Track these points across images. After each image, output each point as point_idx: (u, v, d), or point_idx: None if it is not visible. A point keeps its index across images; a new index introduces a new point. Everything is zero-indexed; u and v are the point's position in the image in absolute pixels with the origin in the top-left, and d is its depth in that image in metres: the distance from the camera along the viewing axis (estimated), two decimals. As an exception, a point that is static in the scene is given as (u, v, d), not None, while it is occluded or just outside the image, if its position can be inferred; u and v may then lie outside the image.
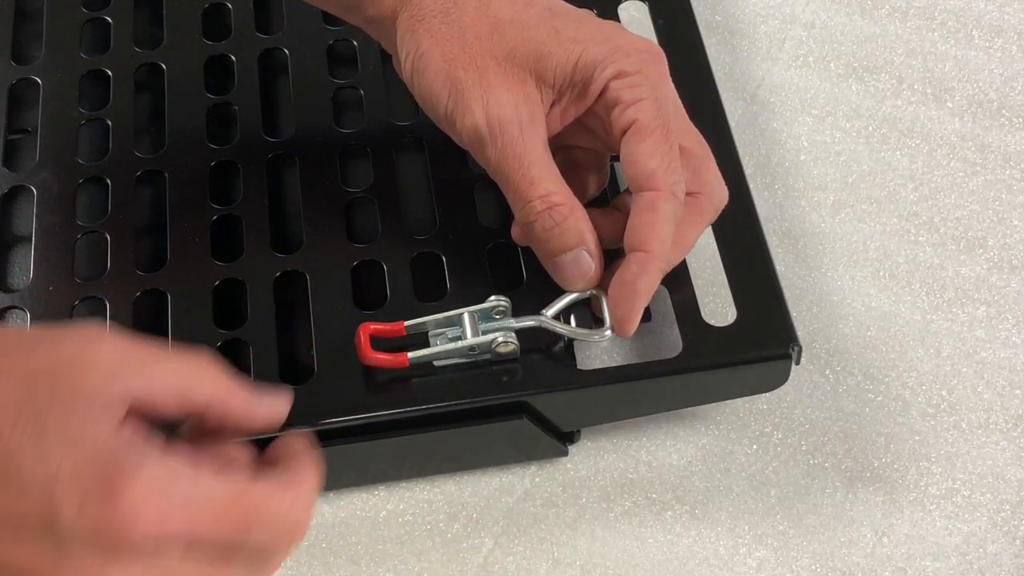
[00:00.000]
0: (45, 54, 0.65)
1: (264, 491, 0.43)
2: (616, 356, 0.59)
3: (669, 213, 0.51)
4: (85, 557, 0.39)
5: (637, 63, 0.51)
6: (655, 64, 0.52)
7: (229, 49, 0.65)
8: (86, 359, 0.42)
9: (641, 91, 0.51)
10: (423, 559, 0.56)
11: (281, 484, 0.43)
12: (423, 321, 0.53)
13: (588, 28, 0.52)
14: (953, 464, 0.58)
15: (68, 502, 0.39)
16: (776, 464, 0.59)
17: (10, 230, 0.61)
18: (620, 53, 0.51)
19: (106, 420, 0.41)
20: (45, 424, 0.40)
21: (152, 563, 0.40)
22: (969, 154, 0.68)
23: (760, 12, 0.74)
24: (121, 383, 0.42)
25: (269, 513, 0.42)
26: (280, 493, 0.43)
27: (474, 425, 0.54)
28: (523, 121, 0.51)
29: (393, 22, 0.54)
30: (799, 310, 0.62)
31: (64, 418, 0.40)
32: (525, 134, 0.51)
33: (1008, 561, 0.56)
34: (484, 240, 0.58)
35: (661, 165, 0.51)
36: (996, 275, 0.64)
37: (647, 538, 0.57)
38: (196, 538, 0.41)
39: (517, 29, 0.52)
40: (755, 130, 0.69)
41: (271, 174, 0.61)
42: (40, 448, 0.40)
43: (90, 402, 0.41)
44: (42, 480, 0.39)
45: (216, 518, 0.41)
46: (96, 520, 0.39)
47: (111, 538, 0.39)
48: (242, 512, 0.42)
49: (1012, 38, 0.72)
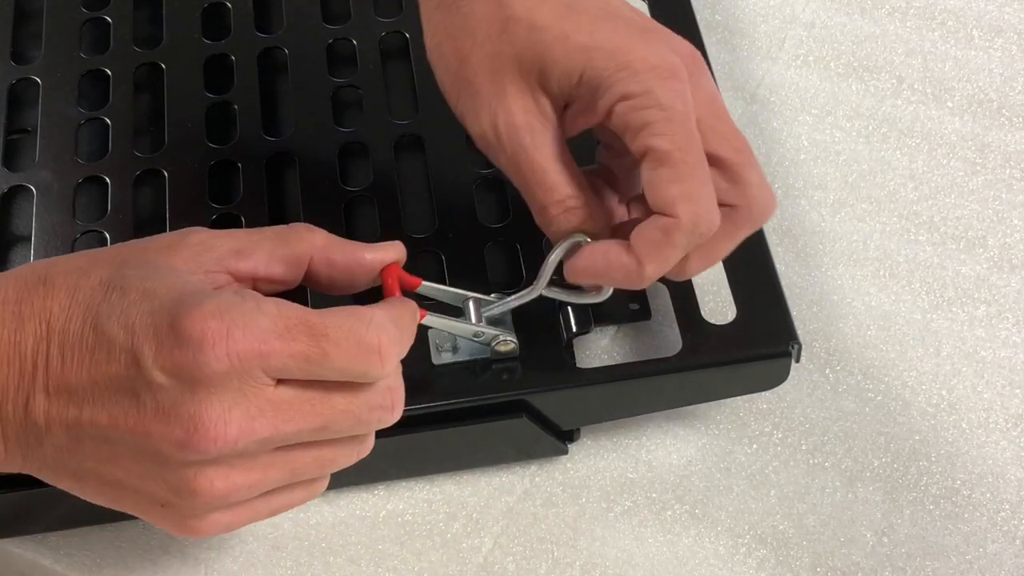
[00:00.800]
0: (45, 54, 0.65)
1: (337, 312, 0.44)
2: (616, 354, 0.59)
3: (680, 243, 0.47)
4: (177, 396, 0.41)
5: (645, 82, 0.47)
6: (667, 81, 0.47)
7: (229, 48, 0.65)
8: (178, 241, 0.46)
9: (648, 114, 0.46)
10: (423, 559, 0.56)
11: (352, 310, 0.44)
12: (437, 288, 0.52)
13: (602, 30, 0.48)
14: (953, 464, 0.58)
15: (147, 346, 0.41)
16: (776, 463, 0.59)
17: (10, 230, 0.61)
18: (627, 72, 0.47)
19: (187, 278, 0.44)
20: (129, 288, 0.43)
21: (240, 388, 0.42)
22: (969, 154, 0.68)
23: (760, 12, 0.74)
24: (213, 255, 0.45)
25: (338, 332, 0.43)
26: (356, 313, 0.44)
27: (474, 424, 0.54)
28: (534, 128, 0.49)
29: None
30: (799, 309, 0.62)
31: (146, 281, 0.43)
32: (537, 140, 0.49)
33: (1008, 561, 0.56)
34: (484, 240, 0.58)
35: (682, 193, 0.46)
36: (996, 274, 0.64)
37: (647, 538, 0.57)
38: (271, 360, 0.42)
39: (526, 30, 0.49)
40: (755, 129, 0.69)
41: (271, 173, 0.61)
42: (123, 306, 0.42)
43: (175, 268, 0.45)
44: (123, 335, 0.42)
45: (283, 335, 0.42)
46: (172, 354, 0.41)
47: (189, 368, 0.41)
48: (312, 330, 0.42)
49: (1012, 38, 0.72)
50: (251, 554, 0.56)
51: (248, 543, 0.57)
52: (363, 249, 0.49)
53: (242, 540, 0.57)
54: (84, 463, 0.44)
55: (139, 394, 0.42)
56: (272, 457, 0.44)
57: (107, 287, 0.43)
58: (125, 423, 0.42)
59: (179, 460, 0.42)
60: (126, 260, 0.45)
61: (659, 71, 0.47)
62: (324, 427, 0.44)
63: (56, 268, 0.45)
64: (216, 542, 0.57)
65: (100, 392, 0.42)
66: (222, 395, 0.41)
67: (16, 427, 0.43)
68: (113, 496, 0.45)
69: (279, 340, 0.42)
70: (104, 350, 0.42)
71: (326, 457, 0.46)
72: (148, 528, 0.57)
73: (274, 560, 0.56)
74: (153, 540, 0.56)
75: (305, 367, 0.43)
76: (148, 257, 0.46)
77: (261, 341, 0.42)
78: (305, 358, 0.42)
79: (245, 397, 0.42)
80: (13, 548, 0.56)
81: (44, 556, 0.56)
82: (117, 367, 0.42)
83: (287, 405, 0.43)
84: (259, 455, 0.43)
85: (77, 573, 0.56)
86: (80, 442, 0.43)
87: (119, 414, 0.42)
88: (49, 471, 0.45)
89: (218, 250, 0.46)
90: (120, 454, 0.43)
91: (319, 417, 0.44)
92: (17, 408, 0.43)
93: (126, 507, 0.45)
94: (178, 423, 0.41)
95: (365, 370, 0.44)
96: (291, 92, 0.64)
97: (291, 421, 0.43)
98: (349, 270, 0.49)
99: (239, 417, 0.42)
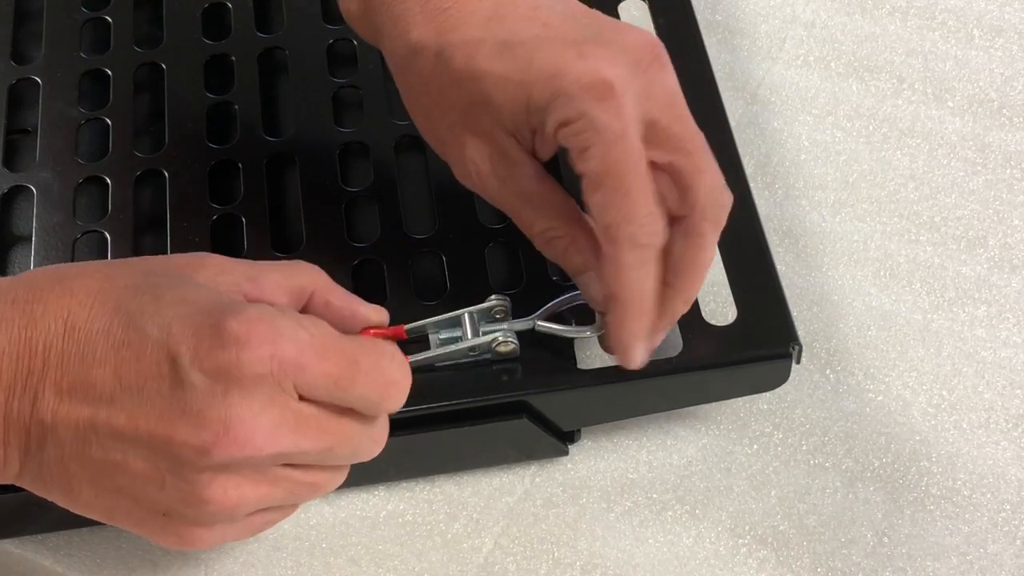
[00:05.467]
0: (45, 54, 0.65)
1: (362, 343, 0.45)
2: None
3: (633, 263, 0.47)
4: (208, 399, 0.41)
5: (580, 107, 0.46)
6: (601, 100, 0.46)
7: (229, 49, 0.65)
8: (196, 261, 0.47)
9: (585, 138, 0.46)
10: (423, 559, 0.56)
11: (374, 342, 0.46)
12: (423, 324, 0.53)
13: (537, 59, 0.47)
14: (954, 464, 0.58)
15: (185, 345, 0.41)
16: (776, 464, 0.58)
17: (10, 230, 0.61)
18: (563, 98, 0.46)
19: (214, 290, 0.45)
20: (162, 293, 0.43)
21: (271, 396, 0.42)
22: (970, 154, 0.68)
23: (760, 11, 0.74)
24: (229, 277, 0.46)
25: (367, 362, 0.44)
26: (378, 347, 0.45)
27: (474, 425, 0.54)
28: (500, 172, 0.50)
29: None
30: (799, 309, 0.62)
31: (178, 290, 0.44)
32: (505, 185, 0.50)
33: (1009, 561, 0.56)
34: (483, 240, 0.58)
35: (615, 218, 0.46)
36: (997, 275, 0.64)
37: (647, 538, 0.57)
38: (306, 374, 0.42)
39: (468, 80, 0.48)
40: (755, 129, 0.69)
41: (271, 173, 0.61)
42: (157, 307, 0.42)
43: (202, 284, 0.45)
44: (158, 333, 0.42)
45: (320, 353, 0.43)
46: (210, 354, 0.41)
47: (229, 367, 0.41)
48: (343, 354, 0.44)
49: (1013, 37, 0.72)
50: (251, 554, 0.56)
51: (248, 543, 0.57)
52: (358, 303, 0.50)
53: (242, 540, 0.57)
54: (83, 470, 0.43)
55: (166, 394, 0.41)
56: (279, 473, 0.44)
57: (136, 290, 0.43)
58: (146, 424, 0.41)
59: (197, 465, 0.42)
60: (151, 270, 0.45)
61: (593, 91, 0.46)
62: (330, 450, 0.44)
63: (72, 272, 0.45)
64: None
65: (122, 391, 0.42)
66: (253, 400, 0.41)
67: (19, 428, 0.43)
68: (109, 507, 0.44)
69: (316, 356, 0.43)
70: (133, 347, 0.42)
71: (318, 481, 0.46)
72: (148, 528, 0.57)
73: (274, 560, 0.56)
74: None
75: (332, 389, 0.43)
76: (172, 270, 0.46)
77: (301, 353, 0.42)
78: (335, 380, 0.43)
79: (273, 406, 0.42)
80: (13, 548, 0.56)
81: (44, 556, 0.56)
82: (146, 365, 0.42)
83: (307, 421, 0.43)
84: (269, 470, 0.44)
85: (77, 573, 0.56)
86: (86, 444, 0.42)
87: (140, 414, 0.42)
88: (43, 481, 0.44)
89: (234, 274, 0.46)
90: (128, 459, 0.42)
91: (330, 439, 0.44)
92: (23, 407, 0.43)
93: (119, 519, 0.45)
94: (206, 426, 0.41)
95: (383, 402, 0.45)
96: (291, 92, 0.64)
97: (308, 438, 0.43)
98: (341, 317, 0.49)
99: (266, 424, 0.42)
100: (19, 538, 0.56)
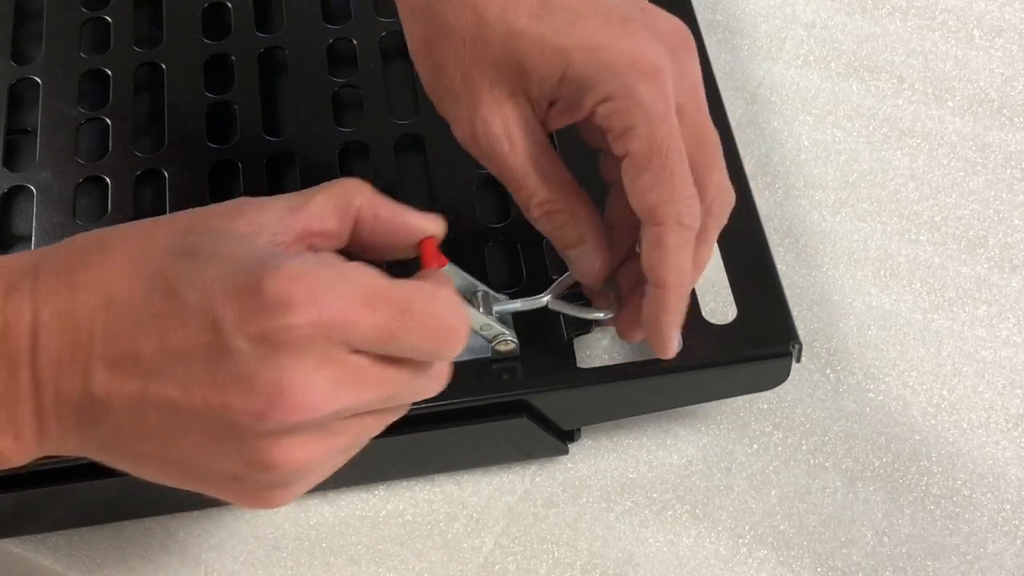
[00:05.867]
0: (45, 54, 0.65)
1: (415, 287, 0.42)
2: (616, 354, 0.59)
3: (678, 245, 0.47)
4: (257, 363, 0.39)
5: (626, 84, 0.46)
6: (647, 79, 0.46)
7: (229, 48, 0.65)
8: (235, 208, 0.44)
9: (630, 117, 0.46)
10: (423, 559, 0.56)
11: (427, 287, 0.43)
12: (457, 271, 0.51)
13: (579, 28, 0.47)
14: (954, 463, 0.58)
15: (227, 310, 0.39)
16: (777, 464, 0.58)
17: (10, 230, 0.61)
18: (608, 72, 0.46)
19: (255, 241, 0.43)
20: (200, 253, 0.41)
21: (324, 355, 0.40)
22: (970, 153, 0.68)
23: (761, 11, 0.74)
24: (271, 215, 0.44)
25: (421, 309, 0.41)
26: (430, 291, 0.42)
27: (474, 424, 0.54)
28: (512, 135, 0.49)
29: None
30: (800, 309, 0.62)
31: (217, 246, 0.42)
32: (515, 147, 0.49)
33: (1009, 561, 0.56)
34: (484, 240, 0.58)
35: (661, 198, 0.47)
36: (997, 274, 0.64)
37: (647, 538, 0.57)
38: (355, 329, 0.40)
39: (501, 36, 0.47)
40: (756, 129, 0.69)
41: (271, 173, 0.61)
42: (195, 271, 0.41)
43: (242, 234, 0.43)
44: (198, 300, 0.40)
45: (368, 304, 0.41)
46: (256, 318, 0.39)
47: (274, 333, 0.39)
48: (393, 303, 0.41)
49: (1013, 37, 0.72)
50: (251, 554, 0.56)
51: (248, 543, 0.57)
52: (409, 212, 0.47)
53: (242, 540, 0.57)
54: (146, 442, 0.42)
55: (215, 362, 0.40)
56: (341, 424, 0.42)
57: (175, 252, 0.42)
58: (199, 394, 0.40)
59: (256, 431, 0.40)
60: (190, 227, 0.43)
61: (639, 68, 0.46)
62: (391, 396, 0.43)
63: (111, 236, 0.43)
64: (216, 542, 0.57)
65: (169, 362, 0.40)
66: (304, 362, 0.39)
67: (72, 404, 0.41)
68: (176, 474, 0.43)
69: (364, 308, 0.40)
70: (175, 316, 0.40)
71: (383, 421, 0.44)
72: (148, 528, 0.57)
73: (274, 560, 0.56)
74: (153, 540, 0.57)
75: (385, 340, 0.41)
76: (211, 223, 0.44)
77: (347, 309, 0.40)
78: (387, 332, 0.41)
79: (326, 363, 0.40)
80: (13, 548, 0.56)
81: (44, 556, 0.56)
82: (190, 333, 0.40)
83: (363, 373, 0.41)
84: (332, 423, 0.42)
85: (77, 573, 0.56)
86: (143, 419, 0.41)
87: (192, 384, 0.40)
88: (107, 453, 0.43)
89: (275, 210, 0.44)
90: (188, 429, 0.41)
91: (390, 387, 0.42)
92: (73, 382, 0.41)
93: (191, 485, 0.43)
94: (259, 392, 0.39)
95: (439, 351, 0.43)
96: (291, 92, 0.64)
97: (366, 390, 0.42)
98: (392, 229, 0.47)
99: (322, 384, 0.40)
100: (19, 538, 0.56)
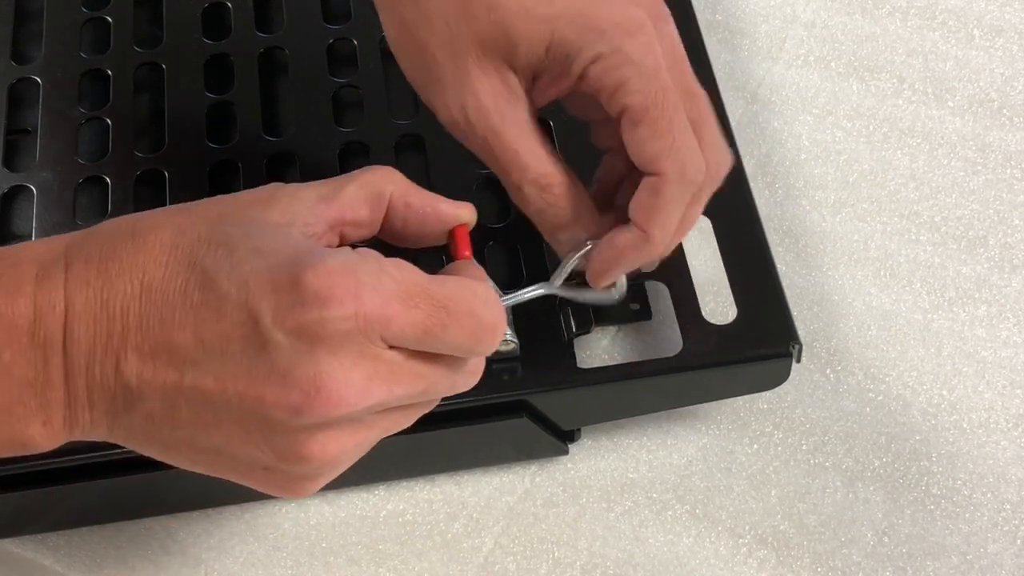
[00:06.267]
0: (45, 54, 0.65)
1: (454, 284, 0.42)
2: (616, 354, 0.59)
3: (675, 197, 0.48)
4: (294, 357, 0.39)
5: (613, 41, 0.47)
6: (634, 36, 0.47)
7: (229, 48, 0.65)
8: (267, 196, 0.44)
9: (622, 73, 0.47)
10: (423, 559, 0.56)
11: (464, 282, 0.43)
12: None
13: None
14: (954, 463, 0.58)
15: (265, 303, 0.39)
16: (777, 464, 0.58)
17: (10, 230, 0.61)
18: (594, 33, 0.47)
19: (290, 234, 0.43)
20: (236, 245, 0.41)
21: (360, 350, 0.40)
22: (970, 153, 0.68)
23: (761, 11, 0.74)
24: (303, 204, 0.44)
25: (459, 307, 0.41)
26: (468, 289, 0.42)
27: (474, 424, 0.54)
28: (503, 109, 0.48)
29: None
30: (800, 309, 0.62)
31: (252, 238, 0.41)
32: (507, 121, 0.49)
33: (1009, 561, 0.56)
34: (484, 240, 0.58)
35: (663, 148, 0.47)
36: (997, 274, 0.64)
37: (647, 538, 0.57)
38: (393, 326, 0.40)
39: (485, 9, 0.47)
40: (756, 129, 0.69)
41: (271, 173, 0.61)
42: (232, 262, 0.40)
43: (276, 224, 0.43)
44: (236, 292, 0.40)
45: (406, 301, 0.41)
46: (294, 311, 0.39)
47: (312, 327, 0.39)
48: (431, 300, 0.41)
49: (1013, 37, 0.72)
50: (251, 554, 0.56)
51: (248, 543, 0.57)
52: (441, 200, 0.47)
53: (242, 540, 0.57)
54: (177, 431, 0.41)
55: (251, 355, 0.39)
56: (373, 418, 0.42)
57: (210, 243, 0.41)
58: (234, 387, 0.40)
59: (291, 425, 0.40)
60: (223, 216, 0.43)
61: (625, 27, 0.47)
62: (425, 392, 0.43)
63: (145, 223, 0.43)
64: (216, 542, 0.57)
65: (205, 353, 0.40)
66: (341, 357, 0.39)
67: (104, 392, 0.41)
68: (205, 463, 0.43)
69: (402, 305, 0.40)
70: (212, 308, 0.40)
71: (415, 414, 0.44)
72: (148, 528, 0.57)
73: (274, 560, 0.56)
74: (153, 540, 0.57)
75: (422, 338, 0.41)
76: (245, 213, 0.43)
77: (385, 305, 0.40)
78: (424, 329, 0.41)
79: (363, 359, 0.40)
80: (13, 548, 0.56)
81: (44, 556, 0.56)
82: (227, 326, 0.40)
83: (399, 369, 0.41)
84: (366, 418, 0.42)
85: (77, 573, 0.56)
86: (176, 409, 0.41)
87: (227, 377, 0.40)
88: (136, 440, 0.43)
89: (306, 199, 0.44)
90: (221, 420, 0.41)
91: (425, 382, 0.42)
92: (106, 371, 0.41)
93: (220, 472, 0.43)
94: (296, 386, 0.39)
95: (476, 348, 0.43)
96: (291, 92, 0.63)
97: (402, 385, 0.41)
98: (424, 217, 0.47)
99: (358, 380, 0.40)
100: (19, 538, 0.56)
